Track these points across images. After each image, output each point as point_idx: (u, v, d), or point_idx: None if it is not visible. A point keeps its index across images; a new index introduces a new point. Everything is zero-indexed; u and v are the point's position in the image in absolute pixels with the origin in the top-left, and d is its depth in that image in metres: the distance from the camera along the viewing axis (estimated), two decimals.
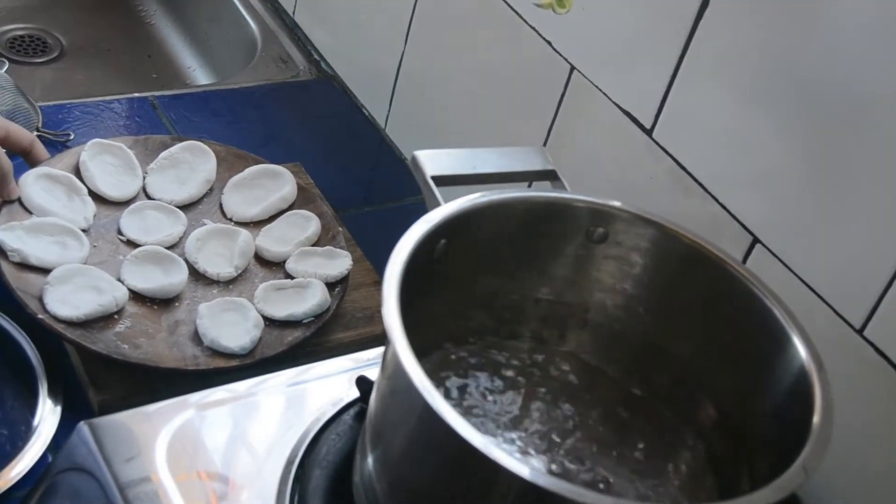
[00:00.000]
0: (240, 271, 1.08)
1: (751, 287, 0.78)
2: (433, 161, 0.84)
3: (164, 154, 1.17)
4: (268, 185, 1.18)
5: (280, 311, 1.03)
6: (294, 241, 1.12)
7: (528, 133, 1.18)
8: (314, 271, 1.08)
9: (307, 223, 1.14)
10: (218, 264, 1.08)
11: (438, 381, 0.80)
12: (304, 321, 1.03)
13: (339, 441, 0.83)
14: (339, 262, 1.09)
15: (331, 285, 1.07)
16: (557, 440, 0.77)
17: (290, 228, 1.14)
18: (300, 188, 1.18)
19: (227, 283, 1.07)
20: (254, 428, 0.87)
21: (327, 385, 0.92)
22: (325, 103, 1.51)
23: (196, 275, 1.07)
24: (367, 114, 1.50)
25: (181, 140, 1.19)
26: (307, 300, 1.04)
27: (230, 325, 1.00)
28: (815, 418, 0.68)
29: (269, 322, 1.03)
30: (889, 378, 0.83)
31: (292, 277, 1.09)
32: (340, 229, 1.15)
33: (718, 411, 0.80)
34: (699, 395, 0.81)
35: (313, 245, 1.13)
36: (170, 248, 1.09)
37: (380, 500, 0.72)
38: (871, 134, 0.83)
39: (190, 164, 1.17)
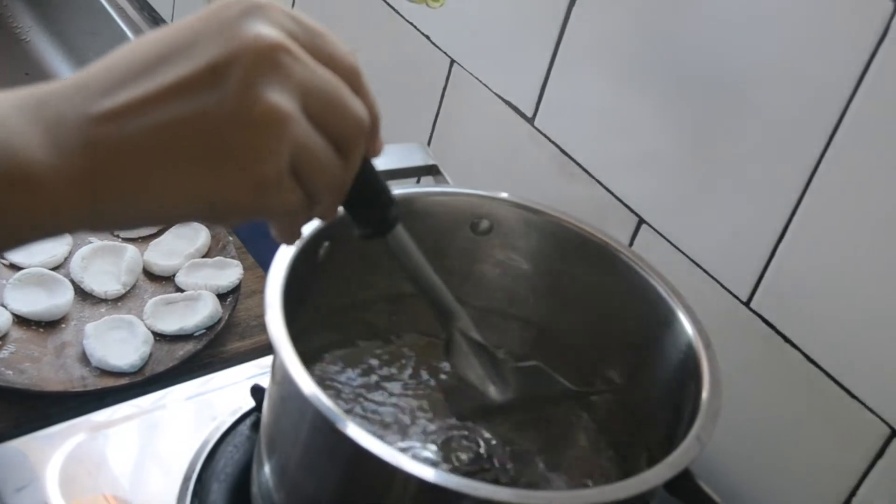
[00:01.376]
0: (128, 288, 1.06)
1: (636, 269, 0.79)
2: None
3: None
4: None
5: (170, 326, 1.01)
6: (183, 254, 1.10)
7: (413, 129, 1.17)
8: (204, 283, 1.06)
9: (196, 235, 1.12)
10: (105, 282, 1.05)
11: (329, 386, 0.79)
12: (196, 334, 1.01)
13: (237, 452, 0.82)
14: (230, 273, 1.07)
15: (222, 296, 1.05)
16: (454, 435, 0.77)
17: (179, 241, 1.12)
18: None
19: (116, 301, 1.05)
20: (152, 445, 0.85)
21: (230, 394, 0.91)
22: None
23: (83, 294, 1.05)
24: None
25: None
26: (198, 313, 1.02)
27: (118, 343, 0.98)
28: (704, 393, 0.69)
29: (160, 337, 1.01)
30: (777, 346, 0.85)
31: (183, 291, 1.07)
32: (230, 238, 1.14)
33: (612, 392, 0.81)
34: (592, 377, 0.81)
35: (203, 256, 1.11)
36: (55, 268, 1.06)
37: None
38: (747, 110, 0.84)
39: None
